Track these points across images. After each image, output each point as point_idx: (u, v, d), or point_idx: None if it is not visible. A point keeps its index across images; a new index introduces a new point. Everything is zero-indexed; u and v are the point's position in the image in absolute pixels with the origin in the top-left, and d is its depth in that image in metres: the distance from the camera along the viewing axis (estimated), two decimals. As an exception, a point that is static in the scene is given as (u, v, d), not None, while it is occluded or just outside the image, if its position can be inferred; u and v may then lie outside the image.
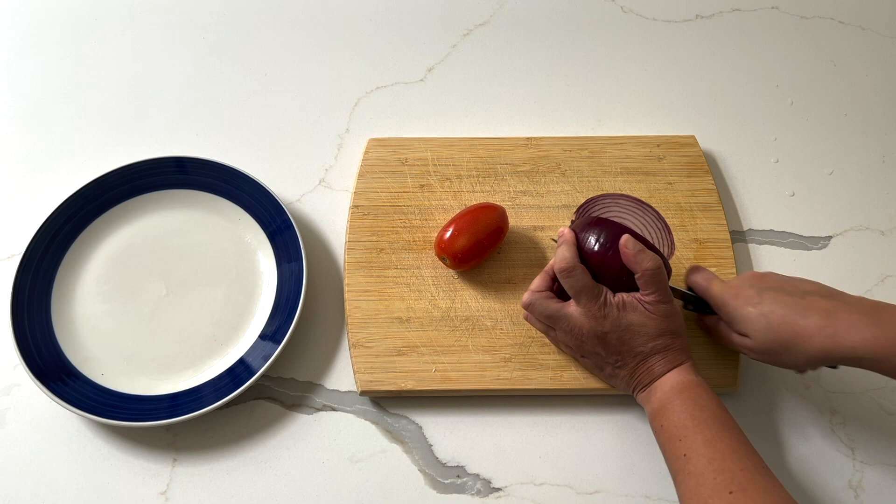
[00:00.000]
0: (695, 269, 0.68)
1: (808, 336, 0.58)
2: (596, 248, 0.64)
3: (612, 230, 0.64)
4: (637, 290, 0.63)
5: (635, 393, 0.64)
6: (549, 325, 0.66)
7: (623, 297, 0.63)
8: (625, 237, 0.62)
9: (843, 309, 0.58)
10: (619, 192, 0.78)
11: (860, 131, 0.86)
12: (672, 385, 0.61)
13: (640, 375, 0.63)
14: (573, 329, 0.64)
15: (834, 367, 0.63)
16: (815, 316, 0.58)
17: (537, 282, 0.66)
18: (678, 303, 0.68)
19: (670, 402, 0.60)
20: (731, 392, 0.70)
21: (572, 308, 0.64)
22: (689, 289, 0.68)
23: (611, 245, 0.63)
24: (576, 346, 0.65)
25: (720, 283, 0.65)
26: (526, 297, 0.66)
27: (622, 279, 0.63)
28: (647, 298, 0.62)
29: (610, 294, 0.63)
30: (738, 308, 0.62)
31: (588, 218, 0.67)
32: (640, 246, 0.62)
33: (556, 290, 0.66)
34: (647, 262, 0.61)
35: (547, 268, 0.67)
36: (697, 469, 0.56)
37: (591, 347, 0.64)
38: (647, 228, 0.68)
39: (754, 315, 0.61)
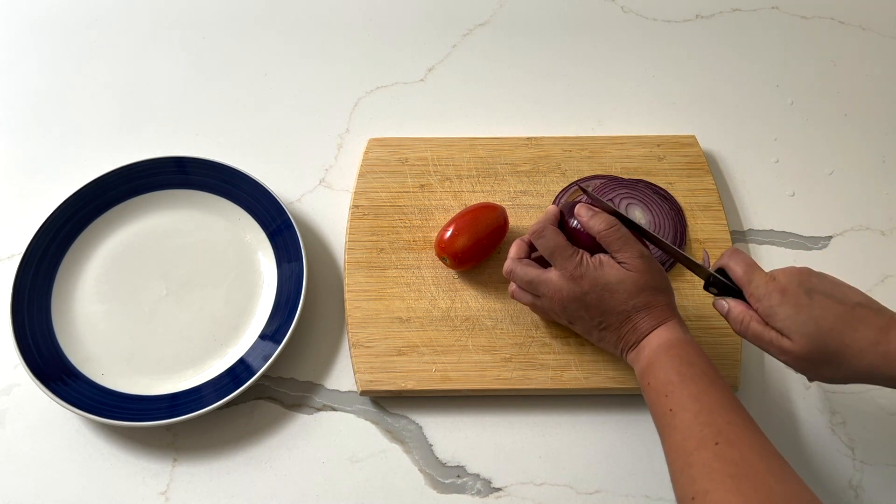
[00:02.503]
0: (734, 253, 0.62)
1: (859, 350, 0.54)
2: (576, 224, 0.65)
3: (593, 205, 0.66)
4: None
5: (624, 354, 0.63)
6: (533, 292, 0.66)
7: (600, 257, 0.63)
8: (579, 205, 0.64)
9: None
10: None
11: (860, 131, 0.86)
12: (659, 343, 0.60)
13: (626, 335, 0.62)
14: (554, 294, 0.64)
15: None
16: (867, 330, 0.55)
17: (514, 249, 0.67)
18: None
19: (657, 359, 0.59)
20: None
21: (552, 272, 0.64)
22: (720, 271, 0.62)
23: None
24: (560, 311, 0.65)
25: (763, 273, 0.60)
26: (507, 264, 0.67)
27: (601, 249, 0.64)
28: (618, 256, 0.62)
29: (587, 255, 0.63)
30: (783, 304, 0.56)
31: (577, 199, 0.69)
32: (592, 211, 0.63)
33: (536, 258, 0.67)
34: (599, 224, 0.62)
35: (524, 236, 0.67)
36: (683, 423, 0.55)
37: (575, 311, 0.64)
38: (650, 207, 0.68)
39: (804, 318, 0.56)
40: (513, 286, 0.68)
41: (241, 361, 0.70)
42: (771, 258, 0.78)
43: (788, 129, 0.86)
